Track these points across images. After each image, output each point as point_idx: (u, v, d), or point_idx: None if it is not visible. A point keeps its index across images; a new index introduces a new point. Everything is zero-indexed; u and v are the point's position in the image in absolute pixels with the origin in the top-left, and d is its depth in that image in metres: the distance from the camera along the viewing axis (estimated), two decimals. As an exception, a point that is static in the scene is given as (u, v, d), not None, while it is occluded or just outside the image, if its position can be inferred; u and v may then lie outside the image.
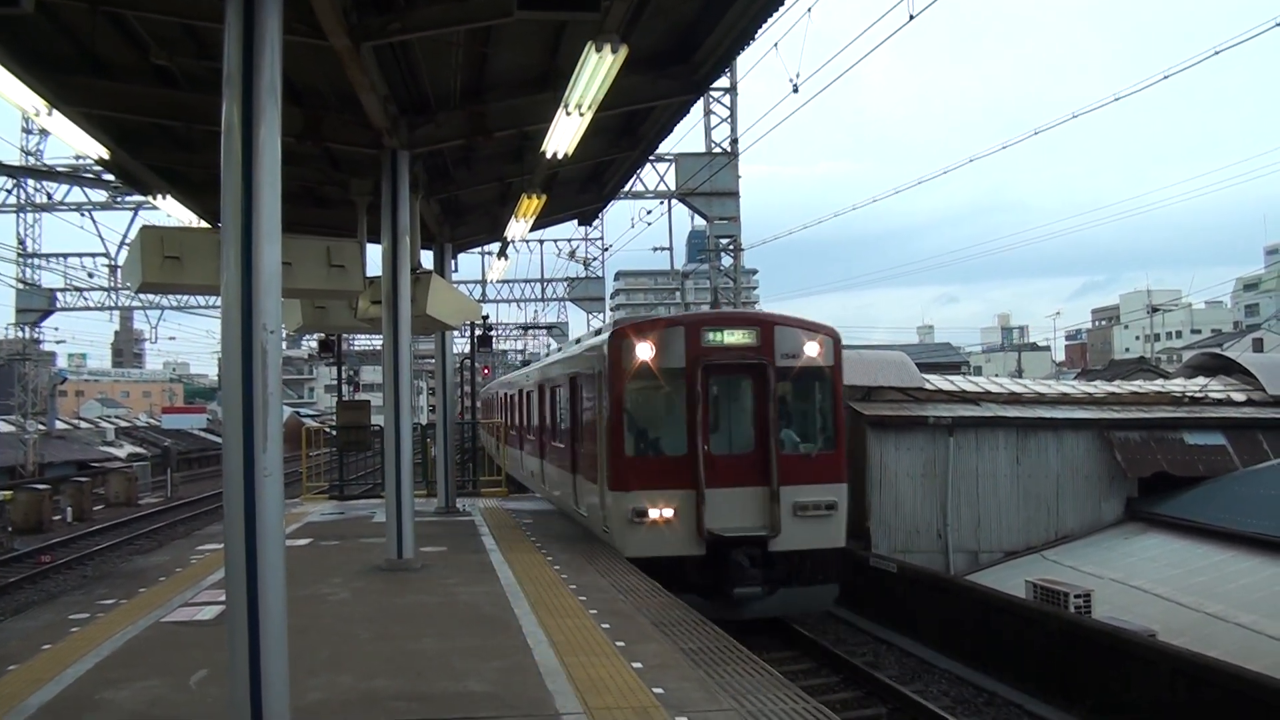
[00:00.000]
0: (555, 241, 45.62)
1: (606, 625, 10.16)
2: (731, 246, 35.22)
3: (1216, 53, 13.17)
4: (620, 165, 19.08)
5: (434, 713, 7.55)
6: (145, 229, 12.10)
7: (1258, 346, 62.92)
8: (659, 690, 7.89)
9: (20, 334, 47.67)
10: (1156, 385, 24.85)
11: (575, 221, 27.16)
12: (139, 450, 55.09)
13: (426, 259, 19.21)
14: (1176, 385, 24.53)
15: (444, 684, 8.27)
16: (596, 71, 10.10)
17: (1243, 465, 20.76)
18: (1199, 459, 21.00)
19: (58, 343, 66.39)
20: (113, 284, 43.53)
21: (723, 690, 7.87)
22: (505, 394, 31.73)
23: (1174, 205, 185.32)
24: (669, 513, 14.50)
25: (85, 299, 45.70)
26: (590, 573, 13.24)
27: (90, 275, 43.78)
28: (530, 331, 61.76)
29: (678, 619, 10.43)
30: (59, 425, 56.92)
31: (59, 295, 45.48)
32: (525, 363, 50.17)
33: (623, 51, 9.68)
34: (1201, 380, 24.51)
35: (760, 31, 12.44)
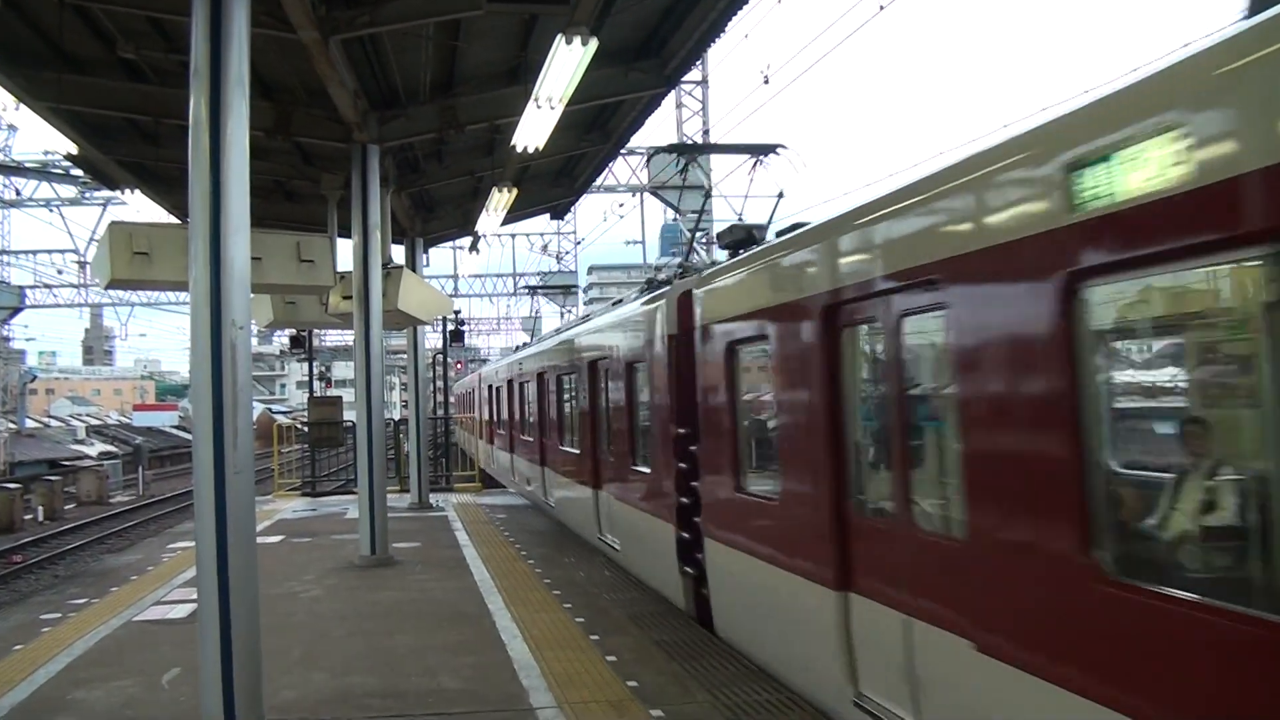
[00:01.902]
0: (528, 235, 45.51)
1: (581, 619, 10.16)
2: (704, 240, 35.22)
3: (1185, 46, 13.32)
4: (592, 159, 19.06)
5: (408, 709, 7.53)
6: (114, 225, 12.00)
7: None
8: (633, 683, 7.90)
9: (-12, 332, 47.24)
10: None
11: (547, 215, 27.11)
12: (110, 448, 54.52)
13: (398, 254, 19.18)
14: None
15: (418, 680, 8.25)
16: (567, 64, 10.09)
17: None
18: None
19: (27, 340, 65.84)
20: (82, 280, 43.16)
21: (697, 682, 7.89)
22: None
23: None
24: None
25: (55, 296, 45.37)
26: (564, 567, 13.24)
27: (59, 272, 43.43)
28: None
29: (652, 612, 10.44)
30: (29, 424, 56.39)
31: (28, 292, 45.06)
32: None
33: (593, 44, 9.67)
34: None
35: (731, 24, 12.48)
